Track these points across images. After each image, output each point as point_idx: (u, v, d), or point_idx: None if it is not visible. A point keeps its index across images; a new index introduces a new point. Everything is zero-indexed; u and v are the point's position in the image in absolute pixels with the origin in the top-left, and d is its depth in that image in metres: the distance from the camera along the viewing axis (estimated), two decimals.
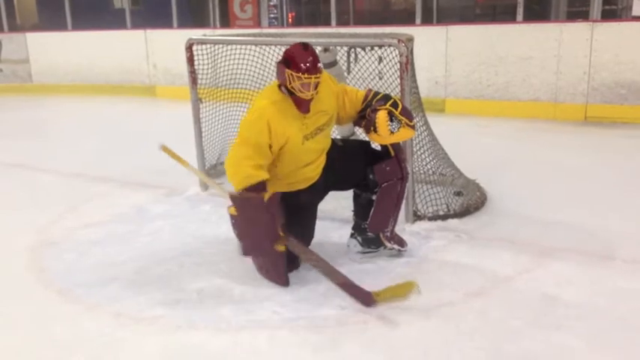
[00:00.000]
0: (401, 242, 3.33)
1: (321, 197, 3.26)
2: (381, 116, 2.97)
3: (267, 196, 2.88)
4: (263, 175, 2.89)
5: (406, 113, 3.03)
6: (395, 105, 3.00)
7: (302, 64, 2.80)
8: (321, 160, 3.12)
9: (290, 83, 2.84)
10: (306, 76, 2.79)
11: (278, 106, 2.90)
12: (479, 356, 2.43)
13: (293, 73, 2.80)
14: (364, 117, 3.08)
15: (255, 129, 2.87)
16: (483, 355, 2.43)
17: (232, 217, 3.04)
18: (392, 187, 3.16)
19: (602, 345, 2.47)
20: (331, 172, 3.16)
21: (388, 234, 3.28)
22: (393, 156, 3.14)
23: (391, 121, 2.98)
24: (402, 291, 2.87)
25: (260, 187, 2.88)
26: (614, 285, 2.94)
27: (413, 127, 3.09)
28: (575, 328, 2.58)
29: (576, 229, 3.61)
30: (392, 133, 2.99)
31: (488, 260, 3.25)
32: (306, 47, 2.89)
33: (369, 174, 3.14)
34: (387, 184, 3.15)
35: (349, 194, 3.33)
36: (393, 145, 3.14)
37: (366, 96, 3.11)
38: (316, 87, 2.87)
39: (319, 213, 3.31)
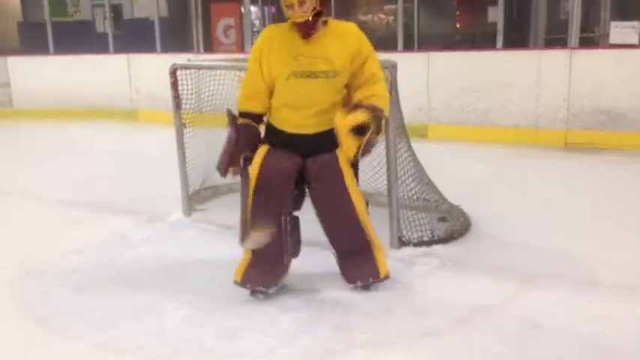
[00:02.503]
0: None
1: (294, 167, 3.00)
2: (351, 120, 2.82)
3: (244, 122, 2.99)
4: (252, 106, 2.99)
5: (368, 146, 2.89)
6: (374, 127, 2.86)
7: None
8: (313, 116, 2.93)
9: (284, 11, 2.84)
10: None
11: (275, 32, 2.94)
12: None
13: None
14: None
15: (250, 58, 2.98)
16: None
17: None
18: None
19: None
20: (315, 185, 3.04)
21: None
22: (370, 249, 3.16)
23: (358, 132, 2.83)
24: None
25: (246, 116, 2.99)
26: (597, 311, 2.95)
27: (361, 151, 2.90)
28: (560, 355, 2.58)
29: (559, 255, 3.63)
30: (347, 134, 2.84)
31: (472, 287, 3.25)
32: None
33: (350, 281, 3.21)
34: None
35: None
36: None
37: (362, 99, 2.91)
38: (303, 6, 2.76)
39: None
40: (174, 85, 4.36)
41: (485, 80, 6.75)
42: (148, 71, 8.63)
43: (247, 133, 2.99)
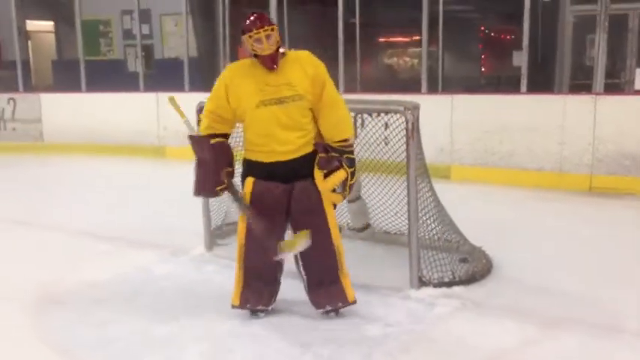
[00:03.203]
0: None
1: (285, 193, 3.21)
2: (330, 184, 3.18)
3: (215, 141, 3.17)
4: (220, 129, 3.21)
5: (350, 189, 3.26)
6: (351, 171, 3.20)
7: (249, 23, 3.08)
8: (286, 142, 3.14)
9: (250, 47, 3.10)
10: (254, 32, 3.05)
11: (240, 67, 3.24)
12: None
13: (246, 36, 3.08)
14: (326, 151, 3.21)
15: (215, 90, 3.22)
16: None
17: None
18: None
19: None
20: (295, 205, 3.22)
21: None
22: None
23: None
24: (297, 242, 3.14)
25: (215, 137, 3.18)
26: (622, 359, 2.89)
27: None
28: None
29: (582, 300, 3.57)
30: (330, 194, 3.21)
31: (493, 329, 3.21)
32: (253, 13, 3.13)
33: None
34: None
35: None
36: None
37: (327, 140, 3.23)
38: (269, 39, 3.05)
39: None
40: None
41: (509, 123, 6.75)
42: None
43: (222, 150, 3.21)
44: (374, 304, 3.53)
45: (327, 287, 3.32)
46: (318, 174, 3.19)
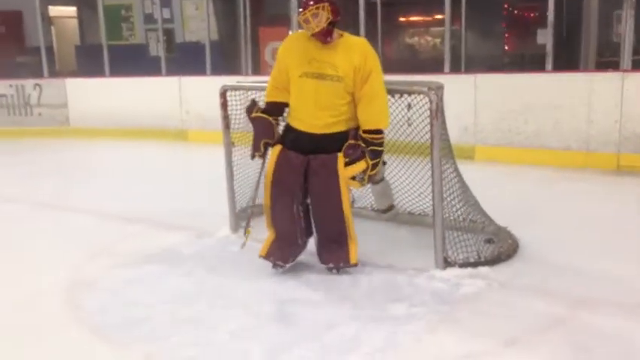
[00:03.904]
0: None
1: (302, 165, 3.51)
2: (349, 172, 3.48)
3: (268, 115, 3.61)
4: (276, 96, 3.61)
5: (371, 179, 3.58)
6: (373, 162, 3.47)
7: (301, 4, 3.38)
8: (320, 117, 3.44)
9: (303, 26, 3.38)
10: (302, 13, 3.33)
11: (296, 38, 3.62)
12: None
13: (299, 18, 3.38)
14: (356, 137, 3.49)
15: (277, 57, 3.62)
16: None
17: None
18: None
19: None
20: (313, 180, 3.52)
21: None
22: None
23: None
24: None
25: (271, 104, 3.63)
26: None
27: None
28: None
29: (611, 280, 3.54)
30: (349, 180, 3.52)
31: (520, 309, 3.20)
32: None
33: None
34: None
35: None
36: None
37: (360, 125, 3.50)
38: (316, 18, 3.30)
39: None
40: (224, 105, 4.48)
41: (535, 102, 6.67)
42: (198, 93, 8.86)
43: (261, 124, 3.61)
44: (399, 284, 3.55)
45: (333, 247, 3.65)
46: (341, 160, 3.46)
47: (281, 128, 3.76)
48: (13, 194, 6.08)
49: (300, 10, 3.34)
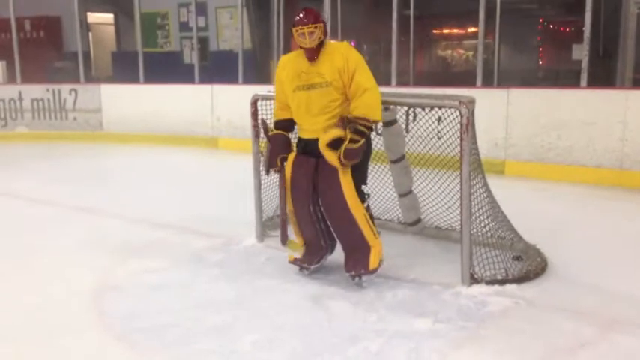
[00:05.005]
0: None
1: (311, 168, 3.67)
2: (325, 138, 3.55)
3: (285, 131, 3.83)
4: (282, 115, 3.82)
5: (349, 154, 3.52)
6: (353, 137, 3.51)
7: (297, 19, 3.56)
8: (317, 122, 3.60)
9: (296, 39, 3.57)
10: (299, 27, 3.52)
11: (289, 57, 3.80)
12: None
13: (294, 29, 3.56)
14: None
15: (275, 79, 3.84)
16: None
17: None
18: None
19: None
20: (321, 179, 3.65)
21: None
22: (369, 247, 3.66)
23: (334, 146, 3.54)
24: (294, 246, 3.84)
25: (279, 123, 3.83)
26: None
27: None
28: None
29: None
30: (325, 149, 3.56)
31: (547, 329, 3.15)
32: (304, 9, 3.59)
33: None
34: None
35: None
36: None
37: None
38: (312, 36, 3.51)
39: None
40: (254, 114, 4.51)
41: (568, 118, 6.57)
42: (230, 101, 8.95)
43: (277, 140, 3.80)
44: (424, 299, 3.52)
45: (353, 253, 3.71)
46: (322, 137, 3.57)
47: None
48: (44, 197, 6.20)
49: (298, 26, 3.52)
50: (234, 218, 5.00)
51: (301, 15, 3.57)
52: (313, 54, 3.60)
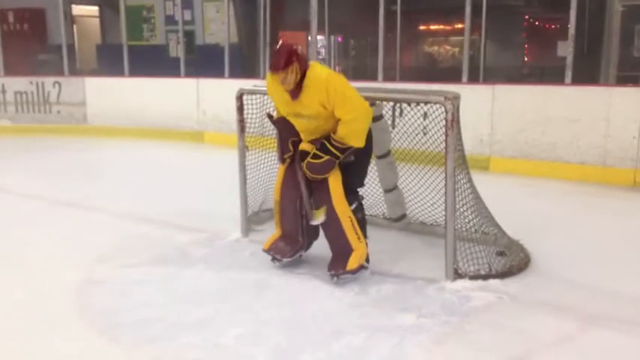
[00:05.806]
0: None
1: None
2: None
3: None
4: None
5: (314, 168, 3.62)
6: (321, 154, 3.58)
7: (269, 64, 3.56)
8: (309, 137, 3.67)
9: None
10: (272, 72, 3.49)
11: (272, 81, 3.61)
12: None
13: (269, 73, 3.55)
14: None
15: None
16: None
17: None
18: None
19: None
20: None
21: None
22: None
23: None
24: (318, 214, 3.66)
25: (280, 119, 3.83)
26: None
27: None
28: None
29: (624, 297, 3.50)
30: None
31: (530, 324, 3.17)
32: (278, 48, 3.55)
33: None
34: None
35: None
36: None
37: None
38: (284, 81, 3.45)
39: None
40: (240, 109, 4.49)
41: (552, 115, 6.61)
42: (216, 95, 8.91)
43: (284, 123, 3.76)
44: (408, 294, 3.53)
45: (336, 254, 3.74)
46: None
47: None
48: (28, 191, 6.14)
49: (270, 69, 3.49)
50: (220, 213, 4.98)
51: (271, 61, 3.53)
52: (294, 93, 3.53)
